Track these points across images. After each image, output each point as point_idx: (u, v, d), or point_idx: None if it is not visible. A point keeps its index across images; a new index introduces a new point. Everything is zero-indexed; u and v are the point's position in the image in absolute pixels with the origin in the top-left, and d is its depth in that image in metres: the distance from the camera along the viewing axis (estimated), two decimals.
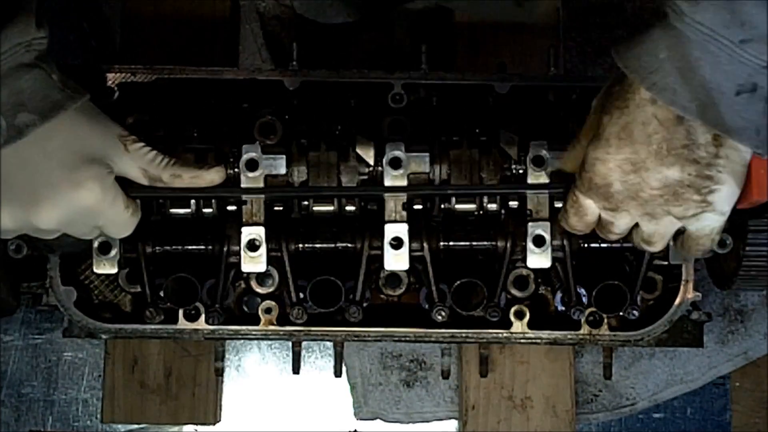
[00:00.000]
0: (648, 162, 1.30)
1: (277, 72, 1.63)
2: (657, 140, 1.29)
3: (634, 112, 1.29)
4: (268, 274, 1.63)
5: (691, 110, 1.24)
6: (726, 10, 1.18)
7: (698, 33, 1.21)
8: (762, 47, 1.20)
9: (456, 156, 1.56)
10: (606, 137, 1.32)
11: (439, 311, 1.60)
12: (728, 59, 1.21)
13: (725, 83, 1.22)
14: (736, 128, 1.25)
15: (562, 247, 1.58)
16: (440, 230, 1.60)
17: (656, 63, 1.24)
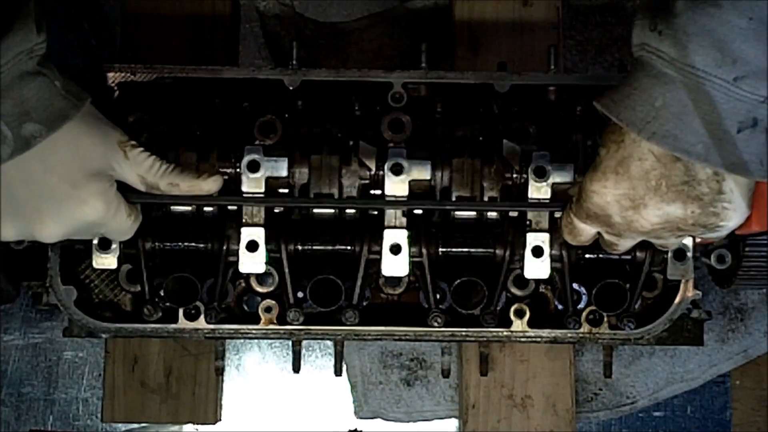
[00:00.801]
0: (647, 199, 1.30)
1: (277, 71, 1.63)
2: (655, 176, 1.28)
3: (630, 147, 1.28)
4: (268, 274, 1.63)
5: (696, 154, 1.22)
6: (716, 50, 1.17)
7: (691, 76, 1.19)
8: (757, 82, 1.18)
9: (458, 164, 1.56)
10: (603, 170, 1.32)
11: (435, 318, 1.60)
12: (725, 98, 1.19)
13: (726, 122, 1.21)
14: (741, 164, 1.23)
15: (561, 257, 1.58)
16: (439, 237, 1.61)
17: (653, 112, 1.23)
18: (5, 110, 1.25)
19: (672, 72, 1.20)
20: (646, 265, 1.57)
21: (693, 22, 1.17)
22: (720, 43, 1.17)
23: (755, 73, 1.18)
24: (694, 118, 1.21)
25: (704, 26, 1.17)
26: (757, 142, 1.22)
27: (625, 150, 1.29)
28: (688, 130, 1.22)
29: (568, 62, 1.97)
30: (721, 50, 1.17)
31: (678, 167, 1.27)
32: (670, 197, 1.29)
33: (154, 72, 1.62)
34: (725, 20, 1.15)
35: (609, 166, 1.31)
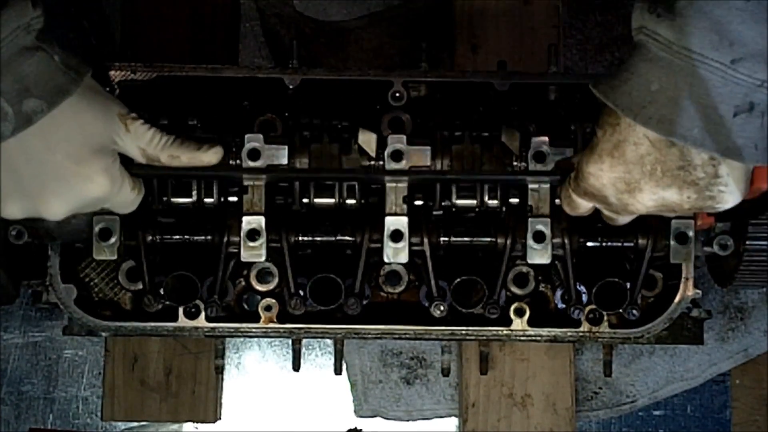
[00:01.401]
0: (642, 183, 1.29)
1: (277, 70, 1.63)
2: (650, 161, 1.28)
3: (625, 131, 1.28)
4: (269, 272, 1.63)
5: (692, 139, 1.21)
6: (713, 32, 1.16)
7: (687, 59, 1.18)
8: (755, 65, 1.17)
9: (458, 150, 1.55)
10: (599, 153, 1.31)
11: (437, 306, 1.60)
12: (722, 81, 1.18)
13: (722, 106, 1.19)
14: (737, 149, 1.22)
15: (563, 244, 1.58)
16: (440, 225, 1.60)
17: (648, 96, 1.22)
18: (5, 87, 1.24)
19: (668, 56, 1.19)
20: (648, 252, 1.56)
21: (690, 3, 1.16)
22: (717, 25, 1.15)
23: (753, 55, 1.16)
24: (689, 103, 1.20)
25: (701, 8, 1.15)
26: (752, 126, 1.21)
27: (620, 134, 1.28)
28: (683, 114, 1.21)
29: (568, 61, 1.98)
30: (718, 32, 1.16)
31: (673, 152, 1.27)
32: (666, 182, 1.28)
33: (155, 71, 1.62)
34: (723, 1, 1.14)
35: (605, 149, 1.30)
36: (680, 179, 1.28)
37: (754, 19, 1.14)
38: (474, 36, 1.90)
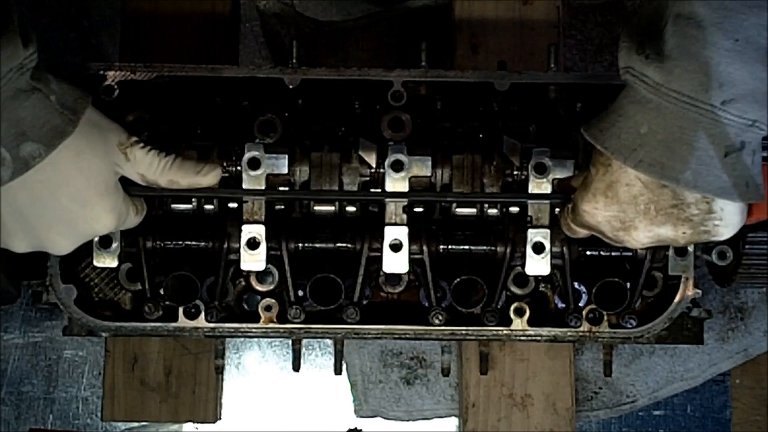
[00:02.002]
0: (637, 222, 1.30)
1: (277, 70, 1.63)
2: (643, 201, 1.28)
3: (617, 173, 1.28)
4: (268, 272, 1.63)
5: (684, 181, 1.21)
6: (702, 74, 1.15)
7: (677, 102, 1.17)
8: (744, 105, 1.16)
9: (458, 161, 1.56)
10: (593, 192, 1.31)
11: (436, 315, 1.60)
12: (712, 123, 1.18)
13: (713, 147, 1.19)
14: (729, 188, 1.22)
15: (562, 254, 1.58)
16: (440, 234, 1.61)
17: (638, 139, 1.21)
18: (2, 132, 1.22)
19: (657, 98, 1.19)
20: (647, 263, 1.57)
21: (678, 45, 1.15)
22: (706, 67, 1.14)
23: (742, 96, 1.16)
24: (680, 145, 1.20)
25: (690, 49, 1.14)
26: (743, 165, 1.21)
27: (612, 174, 1.28)
28: (674, 157, 1.20)
29: (568, 61, 1.97)
30: (707, 74, 1.15)
31: (666, 192, 1.27)
32: (660, 220, 1.29)
33: (154, 71, 1.62)
34: (711, 42, 1.13)
35: (599, 189, 1.31)
36: (674, 217, 1.28)
37: (743, 59, 1.14)
38: (474, 36, 1.90)
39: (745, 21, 1.12)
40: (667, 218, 1.28)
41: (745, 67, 1.14)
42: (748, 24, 1.12)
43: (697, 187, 1.21)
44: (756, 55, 1.13)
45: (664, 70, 1.16)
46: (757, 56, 1.14)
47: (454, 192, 1.56)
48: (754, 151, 1.21)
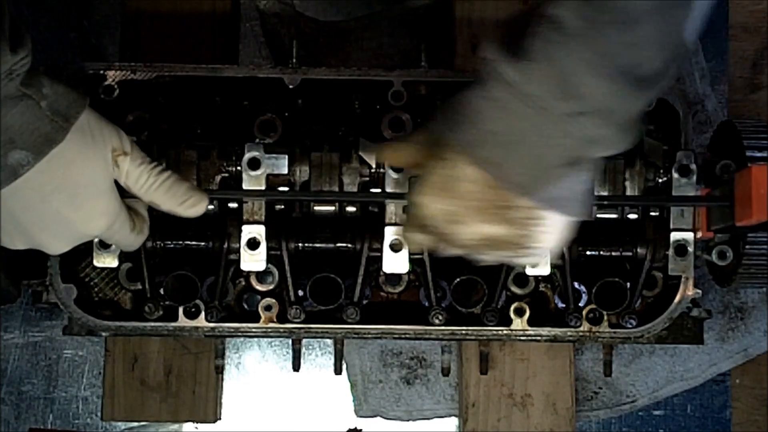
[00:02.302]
0: (466, 217, 1.29)
1: (277, 70, 1.63)
2: (476, 197, 1.28)
3: (454, 168, 1.27)
4: (268, 272, 1.63)
5: (516, 184, 1.23)
6: (557, 81, 1.14)
7: (527, 105, 1.16)
8: (593, 119, 1.16)
9: None
10: (430, 185, 1.31)
11: (436, 315, 1.60)
12: (555, 133, 1.17)
13: (550, 157, 1.20)
14: (558, 200, 1.24)
15: (562, 255, 1.59)
16: None
17: (482, 136, 1.21)
18: None
19: (509, 97, 1.17)
20: (647, 263, 1.57)
21: (541, 48, 1.13)
22: (562, 75, 1.13)
23: (590, 112, 1.15)
24: (520, 149, 1.20)
25: (551, 55, 1.13)
26: (575, 180, 1.23)
27: (450, 170, 1.28)
28: (512, 160, 1.21)
29: None
30: (565, 83, 1.14)
31: (498, 193, 1.27)
32: (488, 218, 1.29)
33: (154, 71, 1.62)
34: (571, 51, 1.12)
35: (435, 183, 1.30)
36: (501, 217, 1.28)
37: (599, 74, 1.12)
38: (474, 36, 1.90)
39: (609, 36, 1.11)
40: (495, 218, 1.29)
41: (599, 82, 1.13)
42: (611, 40, 1.11)
43: (527, 194, 1.23)
44: (612, 72, 1.12)
45: (523, 70, 1.15)
46: (613, 73, 1.12)
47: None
48: (588, 169, 1.23)
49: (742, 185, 1.41)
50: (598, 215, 1.59)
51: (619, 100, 1.15)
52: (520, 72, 1.15)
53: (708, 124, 1.94)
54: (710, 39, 1.98)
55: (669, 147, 1.58)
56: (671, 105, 1.61)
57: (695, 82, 1.96)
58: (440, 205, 1.30)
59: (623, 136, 1.20)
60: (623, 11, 1.10)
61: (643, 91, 1.16)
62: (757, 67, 1.99)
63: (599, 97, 1.14)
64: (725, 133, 1.60)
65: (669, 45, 1.14)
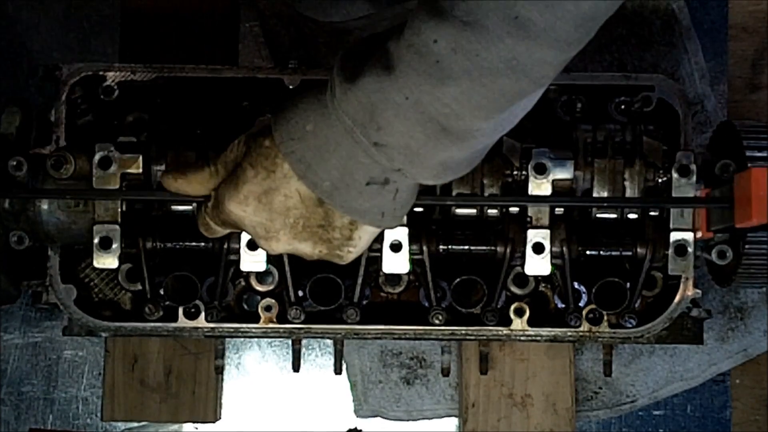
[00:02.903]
0: (281, 234, 1.30)
1: (276, 70, 1.63)
2: (295, 215, 1.28)
3: (279, 181, 1.27)
4: (268, 272, 1.63)
5: (321, 189, 1.24)
6: (367, 112, 1.17)
7: (342, 122, 1.20)
8: (394, 153, 1.19)
9: None
10: (246, 194, 1.29)
11: (436, 315, 1.60)
12: (363, 155, 1.21)
13: (358, 173, 1.22)
14: (362, 211, 1.26)
15: (561, 254, 1.58)
16: (440, 234, 1.60)
17: (300, 133, 1.23)
18: None
19: (331, 108, 1.21)
20: (647, 262, 1.57)
21: (365, 75, 1.17)
22: (373, 108, 1.17)
23: (395, 147, 1.19)
24: (331, 156, 1.22)
25: (365, 86, 1.17)
26: (382, 197, 1.25)
27: (273, 182, 1.27)
28: (322, 164, 1.23)
29: None
30: (372, 114, 1.17)
31: (319, 212, 1.28)
32: (304, 236, 1.30)
33: (154, 71, 1.62)
34: (385, 89, 1.15)
35: (253, 192, 1.29)
36: (317, 236, 1.30)
37: (406, 117, 1.16)
38: None
39: (420, 86, 1.14)
40: (311, 236, 1.30)
41: (405, 124, 1.16)
42: (423, 90, 1.14)
43: (332, 199, 1.25)
44: (419, 117, 1.15)
45: (344, 90, 1.19)
46: (419, 119, 1.15)
47: (454, 196, 1.56)
48: (398, 189, 1.25)
49: (742, 187, 1.41)
50: (598, 215, 1.59)
51: (425, 146, 1.19)
52: (342, 91, 1.19)
53: (708, 124, 1.94)
54: (710, 39, 1.98)
55: (669, 147, 1.58)
56: (671, 105, 1.61)
57: (695, 82, 1.96)
58: (255, 218, 1.30)
59: (432, 175, 1.23)
60: (439, 66, 1.12)
61: (458, 142, 1.19)
62: (757, 67, 1.99)
63: (400, 138, 1.18)
64: (725, 133, 1.60)
65: (492, 104, 1.15)
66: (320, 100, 1.23)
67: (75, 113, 1.62)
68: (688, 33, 1.97)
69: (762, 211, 1.35)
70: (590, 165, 1.56)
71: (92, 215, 1.53)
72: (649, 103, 1.62)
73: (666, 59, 1.96)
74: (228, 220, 1.34)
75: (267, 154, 1.28)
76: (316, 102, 1.23)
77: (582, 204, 1.58)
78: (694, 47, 1.97)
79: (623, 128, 1.60)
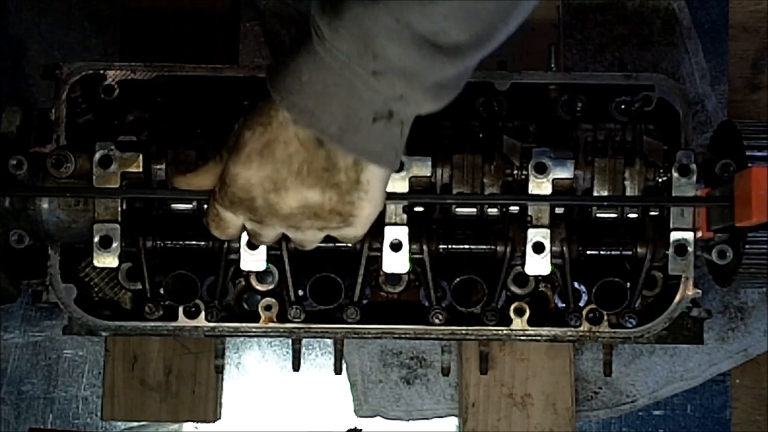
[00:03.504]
0: (288, 182, 1.30)
1: None
2: (298, 160, 1.29)
3: (276, 131, 1.28)
4: (268, 272, 1.63)
5: (330, 134, 1.25)
6: (361, 42, 1.19)
7: (337, 60, 1.21)
8: (394, 79, 1.21)
9: (458, 161, 1.56)
10: (248, 153, 1.31)
11: (436, 314, 1.60)
12: (364, 88, 1.22)
13: (362, 110, 1.24)
14: (373, 153, 1.27)
15: (561, 254, 1.58)
16: (440, 233, 1.61)
17: (298, 85, 1.25)
18: None
19: (322, 51, 1.22)
20: (647, 262, 1.57)
21: (350, 9, 1.19)
22: (366, 37, 1.19)
23: (393, 71, 1.20)
24: (333, 100, 1.24)
25: (357, 16, 1.18)
26: (391, 133, 1.26)
27: (271, 133, 1.29)
28: (326, 110, 1.24)
29: (568, 61, 1.97)
30: (365, 43, 1.19)
31: (321, 153, 1.28)
32: (311, 182, 1.30)
33: (154, 70, 1.62)
34: (375, 15, 1.17)
35: (254, 149, 1.30)
36: (324, 180, 1.30)
37: (399, 39, 1.18)
38: None
39: (409, 7, 1.16)
40: (317, 181, 1.30)
41: (399, 47, 1.19)
42: (412, 10, 1.16)
43: (341, 143, 1.26)
44: (411, 38, 1.18)
45: (333, 26, 1.21)
46: (411, 39, 1.18)
47: (453, 194, 1.55)
48: (402, 122, 1.27)
49: (742, 186, 1.41)
50: (598, 215, 1.59)
51: (420, 65, 1.20)
52: (331, 29, 1.20)
53: (708, 124, 1.94)
54: (710, 39, 1.98)
55: (669, 147, 1.58)
56: (671, 105, 1.61)
57: (695, 82, 1.96)
58: (261, 173, 1.30)
59: (431, 96, 1.25)
60: None
61: (449, 59, 1.21)
62: (757, 67, 1.99)
63: (397, 62, 1.20)
64: (725, 133, 1.60)
65: (476, 20, 1.19)
66: (309, 50, 1.24)
67: (75, 112, 1.62)
68: (688, 33, 1.97)
69: (762, 211, 1.35)
70: (590, 164, 1.56)
71: (92, 214, 1.53)
72: (649, 102, 1.62)
73: (666, 59, 1.96)
74: (236, 194, 1.34)
75: (261, 111, 1.30)
76: (305, 53, 1.24)
77: (582, 203, 1.58)
78: (694, 47, 1.97)
79: (623, 128, 1.60)
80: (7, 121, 1.59)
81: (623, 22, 1.99)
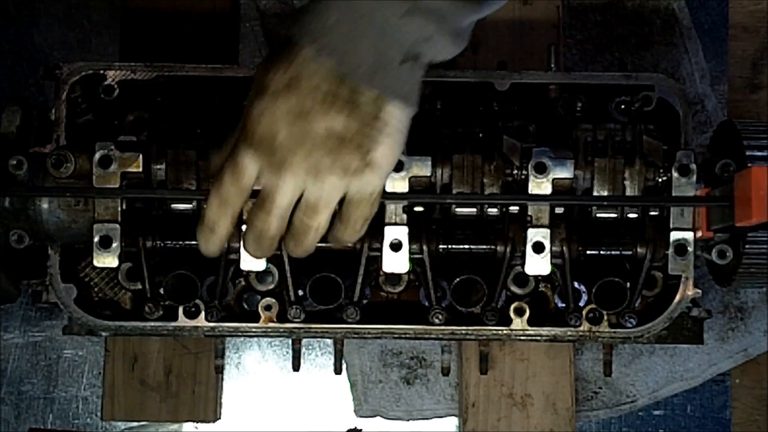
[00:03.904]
0: (314, 110, 1.32)
1: None
2: (323, 91, 1.31)
3: (300, 66, 1.31)
4: (268, 272, 1.63)
5: (360, 75, 1.29)
6: None
7: (365, 2, 1.25)
8: (422, 20, 1.25)
9: (458, 161, 1.56)
10: (272, 91, 1.33)
11: (436, 314, 1.60)
12: (392, 29, 1.26)
13: (390, 52, 1.27)
14: (401, 94, 1.31)
15: (561, 253, 1.58)
16: (440, 233, 1.61)
17: (325, 29, 1.28)
18: None
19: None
20: (647, 262, 1.57)
21: None
22: None
23: (422, 10, 1.25)
24: (362, 40, 1.27)
25: None
26: (416, 75, 1.31)
27: (295, 69, 1.31)
28: (355, 50, 1.28)
29: (568, 61, 1.97)
30: None
31: (344, 87, 1.31)
32: (336, 109, 1.32)
33: (154, 70, 1.62)
34: None
35: (279, 86, 1.32)
36: (347, 110, 1.32)
37: None
38: (474, 35, 1.89)
39: None
40: (341, 110, 1.32)
41: None
42: None
43: (372, 83, 1.29)
44: None
45: None
46: None
47: (453, 194, 1.55)
48: (424, 66, 1.31)
49: (742, 186, 1.41)
50: (598, 215, 1.59)
51: (454, 6, 1.27)
52: None
53: (708, 124, 1.94)
54: (710, 39, 1.98)
55: (669, 147, 1.58)
56: (671, 105, 1.62)
57: (695, 82, 1.96)
58: (286, 105, 1.32)
59: (454, 40, 1.31)
60: None
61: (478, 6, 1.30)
62: (757, 67, 1.99)
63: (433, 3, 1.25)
64: (725, 133, 1.60)
65: None
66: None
67: (75, 112, 1.62)
68: (688, 33, 1.97)
69: (762, 210, 1.35)
70: (590, 164, 1.56)
71: (92, 214, 1.53)
72: (649, 102, 1.62)
73: (666, 59, 1.96)
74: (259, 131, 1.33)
75: (281, 54, 1.32)
76: None
77: (582, 203, 1.58)
78: (694, 47, 1.97)
79: (623, 128, 1.60)
80: (7, 121, 1.59)
81: (623, 22, 1.99)
